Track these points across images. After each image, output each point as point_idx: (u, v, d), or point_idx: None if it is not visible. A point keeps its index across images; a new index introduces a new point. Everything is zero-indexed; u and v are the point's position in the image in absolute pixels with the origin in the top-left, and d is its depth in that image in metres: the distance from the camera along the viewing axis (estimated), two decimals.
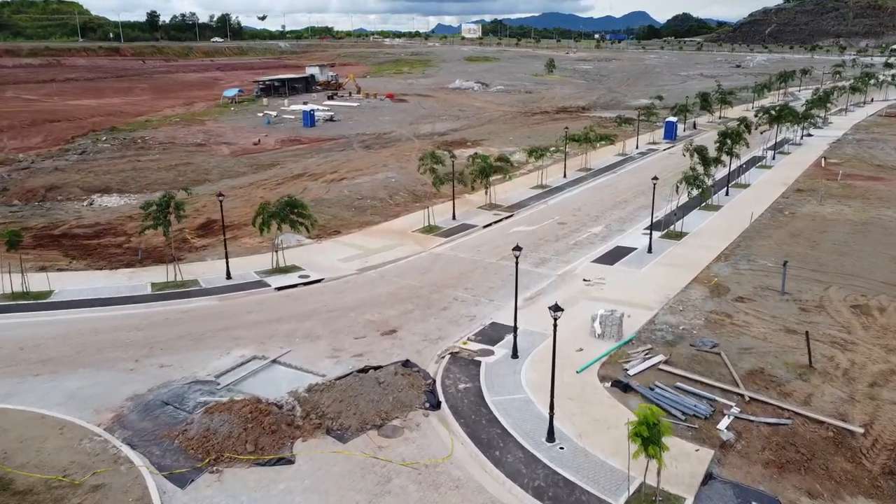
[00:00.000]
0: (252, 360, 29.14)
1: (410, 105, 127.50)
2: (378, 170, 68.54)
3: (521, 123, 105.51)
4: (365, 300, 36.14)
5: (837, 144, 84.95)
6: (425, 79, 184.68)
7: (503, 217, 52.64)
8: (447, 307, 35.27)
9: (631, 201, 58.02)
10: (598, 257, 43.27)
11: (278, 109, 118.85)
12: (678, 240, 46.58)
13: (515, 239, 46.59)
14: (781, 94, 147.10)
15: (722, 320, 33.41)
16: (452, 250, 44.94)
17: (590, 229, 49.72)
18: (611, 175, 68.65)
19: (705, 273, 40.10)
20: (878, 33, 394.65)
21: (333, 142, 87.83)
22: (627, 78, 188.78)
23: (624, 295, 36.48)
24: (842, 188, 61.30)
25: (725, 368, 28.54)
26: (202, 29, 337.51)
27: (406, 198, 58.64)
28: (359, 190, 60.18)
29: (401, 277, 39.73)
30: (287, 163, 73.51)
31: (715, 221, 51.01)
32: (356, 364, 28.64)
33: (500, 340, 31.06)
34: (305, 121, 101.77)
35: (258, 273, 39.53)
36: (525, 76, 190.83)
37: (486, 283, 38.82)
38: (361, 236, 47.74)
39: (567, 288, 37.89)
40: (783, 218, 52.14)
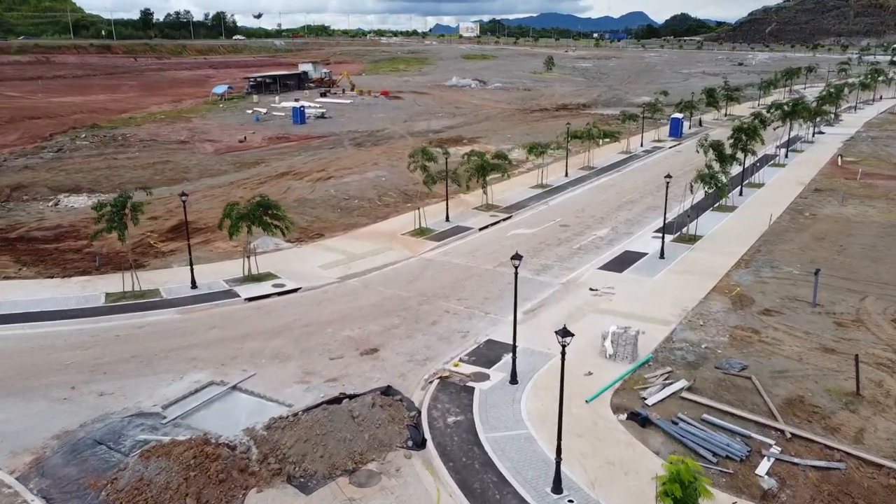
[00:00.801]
0: (208, 385, 25.10)
1: (405, 102, 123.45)
2: (368, 168, 64.51)
3: (519, 121, 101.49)
4: (345, 313, 32.09)
5: (851, 142, 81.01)
6: (422, 76, 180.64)
7: (501, 219, 48.64)
8: (437, 321, 31.23)
9: (638, 202, 54.03)
10: (605, 263, 39.27)
11: (268, 106, 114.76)
12: (692, 244, 42.60)
13: (514, 243, 42.59)
14: (787, 92, 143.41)
15: (749, 337, 29.41)
16: (445, 255, 40.92)
17: (595, 232, 45.72)
18: (615, 174, 64.65)
19: (725, 282, 36.11)
20: (879, 32, 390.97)
21: (323, 139, 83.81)
22: (628, 76, 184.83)
23: (636, 307, 32.48)
24: (862, 188, 57.36)
25: (759, 396, 24.54)
26: (196, 27, 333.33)
27: (396, 198, 54.61)
28: (346, 189, 56.14)
29: (387, 286, 35.70)
30: (272, 161, 69.45)
31: (730, 223, 47.03)
32: (329, 391, 24.62)
33: (496, 361, 27.03)
34: (295, 118, 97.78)
35: (228, 282, 35.49)
36: (523, 74, 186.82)
37: (481, 292, 34.81)
38: (346, 240, 43.70)
39: (572, 299, 33.88)
40: (804, 220, 48.16)
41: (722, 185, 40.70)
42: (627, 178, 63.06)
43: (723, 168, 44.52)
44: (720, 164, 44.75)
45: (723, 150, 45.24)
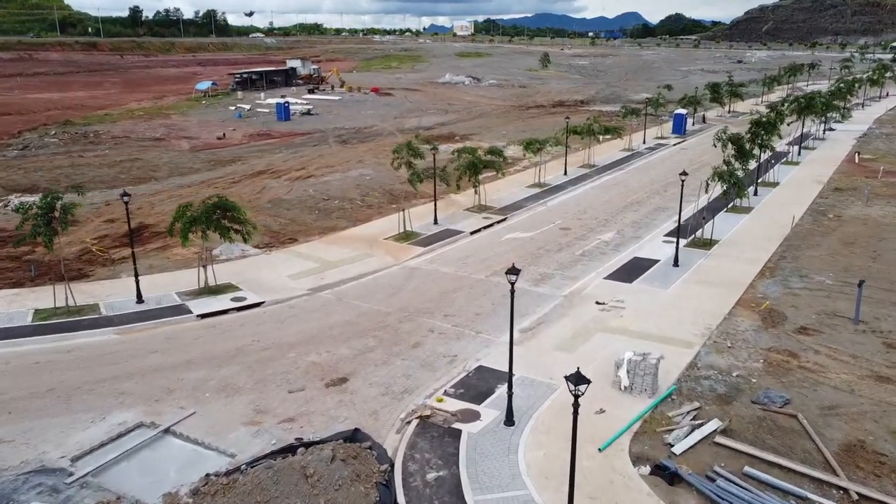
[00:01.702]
0: (136, 429, 20.50)
1: (396, 99, 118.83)
2: (352, 166, 59.90)
3: (514, 117, 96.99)
4: (312, 333, 27.48)
5: (865, 139, 76.72)
6: (414, 74, 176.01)
7: (494, 221, 44.10)
8: (420, 343, 26.66)
9: (645, 202, 49.55)
10: (613, 272, 34.75)
11: (253, 103, 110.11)
12: (707, 249, 38.14)
13: (509, 248, 38.04)
14: (789, 89, 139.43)
15: (786, 362, 24.92)
16: (432, 263, 36.36)
17: (599, 236, 41.22)
18: (618, 172, 60.18)
19: (750, 294, 31.63)
20: (876, 31, 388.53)
21: (307, 136, 79.18)
22: (626, 73, 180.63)
23: (651, 325, 27.97)
24: (886, 187, 53.00)
25: (809, 441, 20.06)
26: (186, 25, 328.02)
27: (381, 198, 50.01)
28: (326, 189, 51.52)
29: (364, 300, 31.11)
30: (250, 159, 64.76)
31: (748, 226, 42.57)
32: (282, 436, 20.04)
33: (488, 395, 22.49)
34: (279, 114, 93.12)
35: (181, 295, 30.86)
36: (518, 71, 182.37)
37: (471, 307, 30.24)
38: (322, 245, 39.09)
39: (576, 314, 29.33)
40: (828, 222, 43.74)
41: (741, 183, 36.19)
42: (631, 176, 58.59)
43: (743, 164, 40.05)
44: (740, 159, 40.28)
45: (743, 145, 40.76)
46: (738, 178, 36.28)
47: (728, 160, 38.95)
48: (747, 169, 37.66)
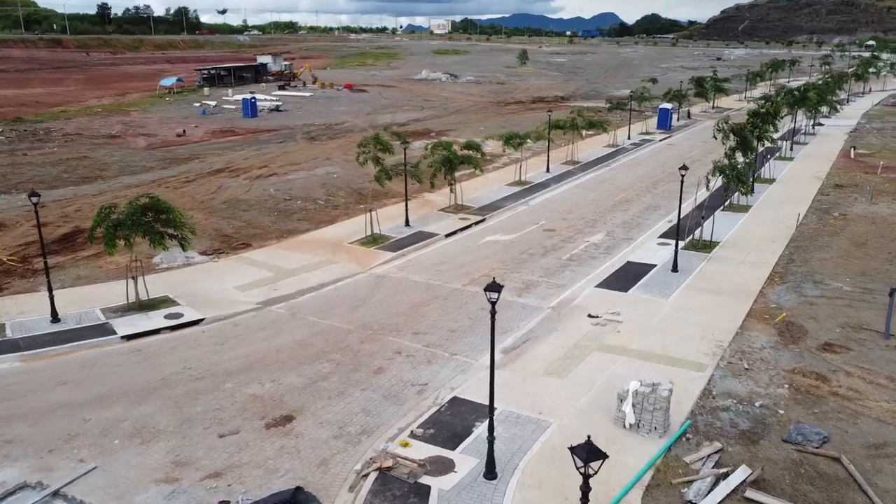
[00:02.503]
0: (17, 491, 16.15)
1: (370, 95, 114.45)
2: (319, 164, 55.63)
3: (493, 113, 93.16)
4: (257, 357, 23.25)
5: (857, 134, 73.92)
6: (390, 71, 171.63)
7: (472, 222, 40.10)
8: (384, 368, 22.54)
9: (634, 201, 45.83)
10: (605, 279, 30.88)
11: (220, 99, 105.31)
12: (708, 251, 34.44)
13: (488, 252, 34.03)
14: (771, 85, 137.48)
15: (815, 387, 21.17)
16: (402, 270, 32.24)
17: (587, 238, 37.39)
18: (604, 169, 56.46)
19: (762, 303, 27.91)
20: (851, 30, 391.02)
21: (274, 133, 74.64)
22: (606, 70, 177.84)
23: (654, 342, 24.11)
24: (889, 183, 49.82)
25: (860, 492, 16.26)
26: (157, 22, 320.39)
27: (348, 198, 45.79)
28: (289, 188, 47.19)
29: (322, 314, 26.91)
30: (209, 156, 60.13)
31: (748, 226, 38.99)
32: (205, 497, 15.84)
33: (465, 436, 18.44)
34: (245, 111, 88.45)
35: (107, 311, 26.44)
36: (496, 68, 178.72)
37: (446, 322, 26.18)
38: (278, 251, 34.80)
39: (567, 330, 25.39)
40: (834, 221, 40.32)
41: (746, 179, 32.49)
42: (618, 173, 54.89)
43: (746, 158, 36.43)
44: (744, 153, 36.66)
45: (746, 136, 37.10)
46: (741, 172, 32.60)
47: (729, 153, 35.17)
48: (751, 162, 34.05)
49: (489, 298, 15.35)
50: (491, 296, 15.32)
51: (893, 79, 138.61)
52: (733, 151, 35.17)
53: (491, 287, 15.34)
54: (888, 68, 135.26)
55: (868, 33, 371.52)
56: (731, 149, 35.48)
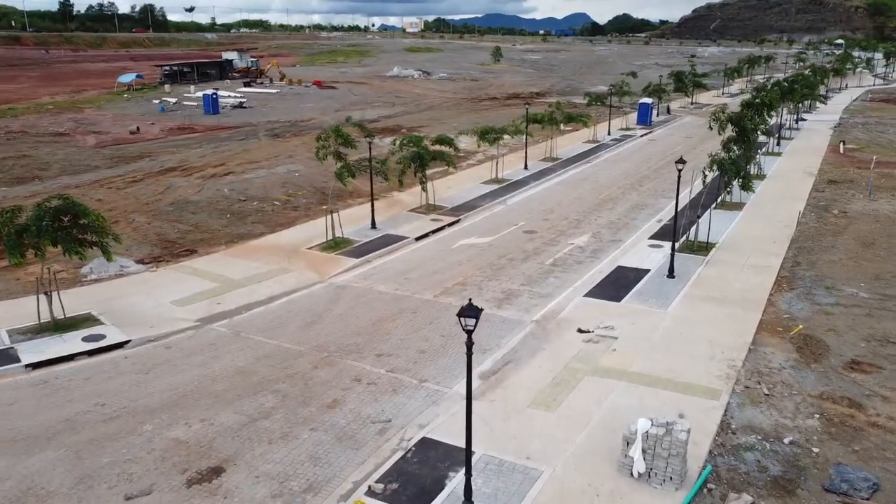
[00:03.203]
0: None
1: (340, 92, 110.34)
2: (280, 162, 51.64)
3: (467, 109, 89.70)
4: (187, 389, 19.42)
5: (841, 129, 71.66)
6: (361, 68, 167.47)
7: (445, 224, 36.55)
8: (340, 400, 18.86)
9: (619, 199, 42.61)
10: (594, 287, 27.49)
11: (181, 96, 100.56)
12: (705, 254, 31.25)
13: (463, 258, 30.48)
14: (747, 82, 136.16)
15: (850, 417, 17.94)
16: (366, 279, 28.54)
17: (571, 240, 34.03)
18: (585, 166, 53.22)
19: (772, 313, 24.72)
20: (819, 28, 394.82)
21: (235, 130, 70.35)
22: (580, 67, 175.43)
23: (656, 362, 20.73)
24: (885, 179, 47.22)
25: None
26: (122, 20, 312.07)
27: (310, 198, 41.98)
28: (245, 188, 43.19)
29: (270, 333, 23.15)
30: (162, 154, 55.79)
31: (744, 226, 35.93)
32: None
33: (436, 492, 14.85)
34: (206, 107, 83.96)
35: (14, 334, 22.40)
36: (470, 65, 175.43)
37: (414, 341, 22.58)
38: (227, 258, 30.91)
39: (554, 349, 21.93)
40: (835, 219, 37.46)
41: (747, 174, 29.32)
42: (600, 170, 51.69)
43: (746, 151, 33.34)
44: (745, 145, 33.58)
45: (746, 126, 33.97)
46: (742, 166, 29.41)
47: (727, 144, 31.95)
48: (751, 156, 30.98)
49: (465, 326, 11.77)
50: (467, 323, 11.73)
51: (869, 75, 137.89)
52: (731, 143, 31.98)
53: (466, 312, 11.74)
54: (864, 64, 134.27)
55: (836, 32, 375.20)
56: (728, 140, 32.27)
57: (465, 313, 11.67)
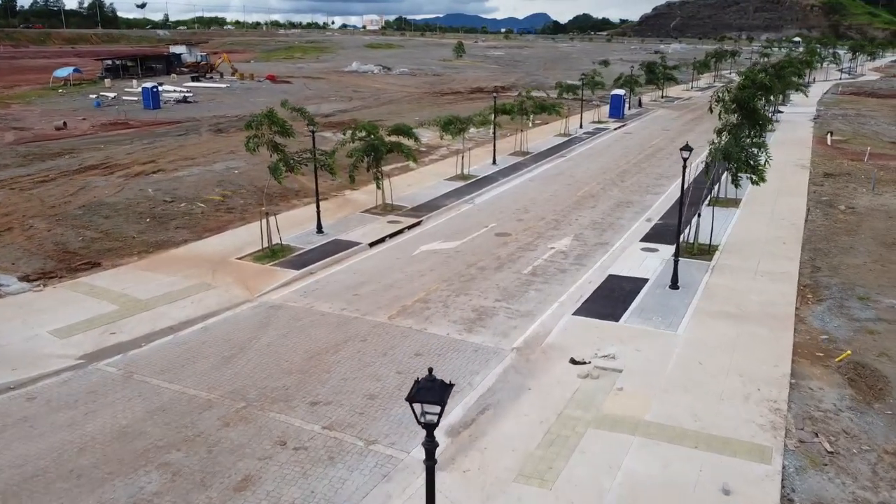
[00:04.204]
0: None
1: (294, 87, 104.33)
2: (219, 158, 45.96)
3: (429, 103, 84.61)
4: (38, 464, 13.95)
5: (822, 121, 68.36)
6: (319, 63, 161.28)
7: (405, 226, 31.42)
8: (253, 478, 13.58)
9: (600, 196, 37.97)
10: (584, 302, 22.64)
11: (122, 91, 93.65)
12: (707, 259, 26.69)
13: (425, 267, 25.38)
14: (714, 77, 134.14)
15: None
16: (306, 296, 23.24)
17: (551, 244, 29.19)
18: (559, 160, 48.53)
19: (805, 333, 20.14)
20: (777, 27, 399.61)
21: (175, 125, 64.19)
22: (545, 62, 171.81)
23: (678, 405, 15.91)
24: (884, 172, 43.47)
25: None
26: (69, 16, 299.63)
27: (249, 198, 36.48)
28: (173, 188, 37.46)
29: (173, 374, 17.74)
30: (87, 151, 49.49)
31: (745, 224, 31.56)
32: None
33: None
34: (146, 102, 77.55)
35: None
36: (432, 61, 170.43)
37: (361, 382, 17.39)
38: (137, 271, 25.31)
39: (543, 389, 16.97)
40: (843, 216, 33.33)
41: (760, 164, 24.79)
42: (576, 164, 47.04)
43: (757, 137, 28.85)
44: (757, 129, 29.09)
45: (756, 108, 29.54)
46: (755, 156, 24.90)
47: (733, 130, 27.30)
48: (763, 145, 26.55)
49: (422, 418, 6.62)
50: (427, 412, 6.57)
51: (835, 69, 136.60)
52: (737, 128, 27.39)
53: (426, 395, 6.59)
54: (831, 58, 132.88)
55: (793, 30, 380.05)
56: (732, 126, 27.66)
57: (424, 397, 6.56)
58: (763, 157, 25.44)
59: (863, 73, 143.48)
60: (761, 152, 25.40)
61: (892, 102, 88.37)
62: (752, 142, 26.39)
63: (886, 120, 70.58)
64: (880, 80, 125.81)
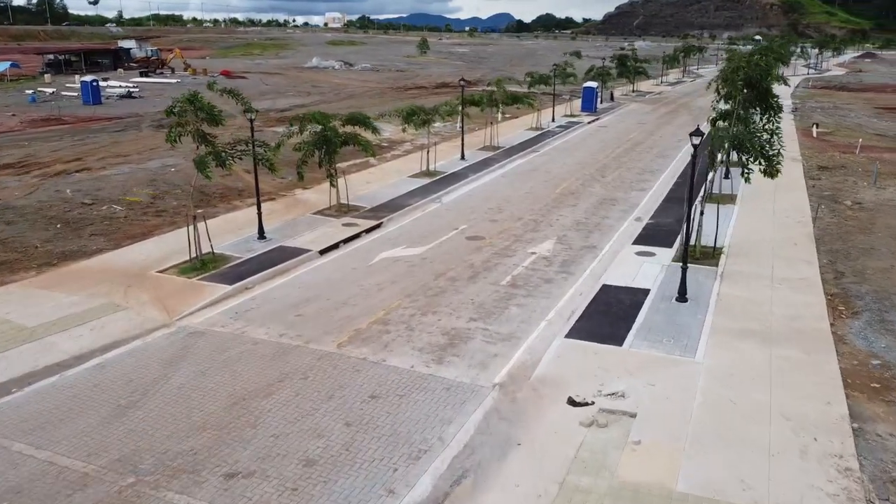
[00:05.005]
0: None
1: (250, 82, 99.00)
2: (157, 155, 41.20)
3: (392, 98, 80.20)
4: None
5: (801, 114, 65.84)
6: (278, 60, 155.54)
7: (362, 230, 27.18)
8: None
9: (581, 193, 34.19)
10: (578, 321, 18.70)
11: (63, 86, 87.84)
12: (713, 263, 23.02)
13: (385, 279, 21.16)
14: (681, 72, 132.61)
15: None
16: (237, 319, 18.88)
17: (531, 248, 25.26)
18: (532, 155, 44.70)
19: (851, 356, 16.46)
20: (737, 25, 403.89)
21: (115, 121, 58.92)
22: (510, 59, 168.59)
23: (715, 467, 12.00)
24: (883, 164, 40.53)
25: None
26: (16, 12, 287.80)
27: (184, 199, 31.81)
28: (97, 188, 32.72)
29: (46, 434, 13.31)
30: (7, 149, 44.12)
31: (748, 223, 28.06)
32: None
33: None
34: (85, 97, 72.07)
35: None
36: (396, 57, 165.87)
37: (297, 440, 13.15)
38: (31, 290, 20.63)
39: (538, 444, 12.94)
40: (852, 212, 30.08)
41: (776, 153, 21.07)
42: (552, 159, 43.26)
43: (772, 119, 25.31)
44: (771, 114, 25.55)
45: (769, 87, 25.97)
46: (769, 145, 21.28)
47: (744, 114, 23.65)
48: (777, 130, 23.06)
49: None
50: None
51: (802, 65, 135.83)
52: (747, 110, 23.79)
53: None
54: (799, 53, 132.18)
55: (754, 28, 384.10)
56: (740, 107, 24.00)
57: None
58: (777, 145, 21.79)
59: (828, 68, 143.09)
60: (774, 140, 21.73)
61: (864, 96, 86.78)
62: (763, 128, 22.70)
63: (865, 112, 68.48)
64: (847, 75, 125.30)
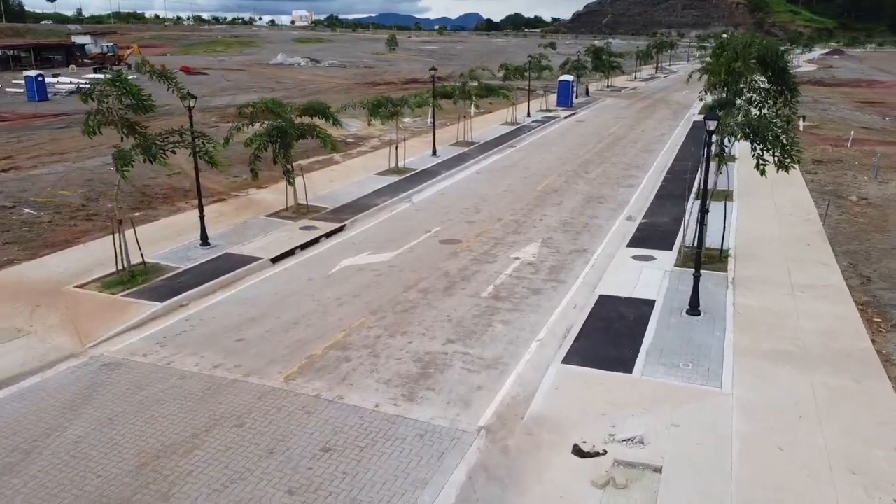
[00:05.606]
0: None
1: (211, 78, 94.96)
2: (98, 153, 37.40)
3: (360, 93, 76.32)
4: None
5: None
6: (242, 56, 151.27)
7: (322, 233, 23.94)
8: None
9: (565, 190, 31.31)
10: (575, 343, 15.72)
11: (9, 82, 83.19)
12: (723, 268, 20.23)
13: (346, 291, 17.82)
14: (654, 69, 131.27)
15: None
16: (165, 345, 15.54)
17: (513, 252, 22.26)
18: (509, 150, 41.77)
19: None
20: (704, 24, 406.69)
21: (59, 118, 54.75)
22: (481, 56, 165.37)
23: None
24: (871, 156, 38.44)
25: None
26: None
27: (122, 200, 28.15)
28: (22, 189, 29.07)
29: None
30: None
31: (751, 222, 25.37)
32: None
33: None
34: (30, 93, 68.09)
35: None
36: (364, 54, 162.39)
37: None
38: None
39: None
40: (859, 208, 27.62)
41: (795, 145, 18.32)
42: (529, 155, 40.36)
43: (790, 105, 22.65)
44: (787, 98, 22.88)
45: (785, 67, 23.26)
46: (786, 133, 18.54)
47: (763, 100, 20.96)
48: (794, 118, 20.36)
49: None
50: None
51: None
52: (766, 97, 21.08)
53: None
54: None
55: (720, 27, 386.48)
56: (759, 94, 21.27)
57: None
58: (792, 134, 19.09)
59: (799, 64, 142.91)
60: (791, 128, 19.03)
61: (841, 90, 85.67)
62: (778, 113, 20.00)
63: (846, 106, 66.97)
64: (819, 71, 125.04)
